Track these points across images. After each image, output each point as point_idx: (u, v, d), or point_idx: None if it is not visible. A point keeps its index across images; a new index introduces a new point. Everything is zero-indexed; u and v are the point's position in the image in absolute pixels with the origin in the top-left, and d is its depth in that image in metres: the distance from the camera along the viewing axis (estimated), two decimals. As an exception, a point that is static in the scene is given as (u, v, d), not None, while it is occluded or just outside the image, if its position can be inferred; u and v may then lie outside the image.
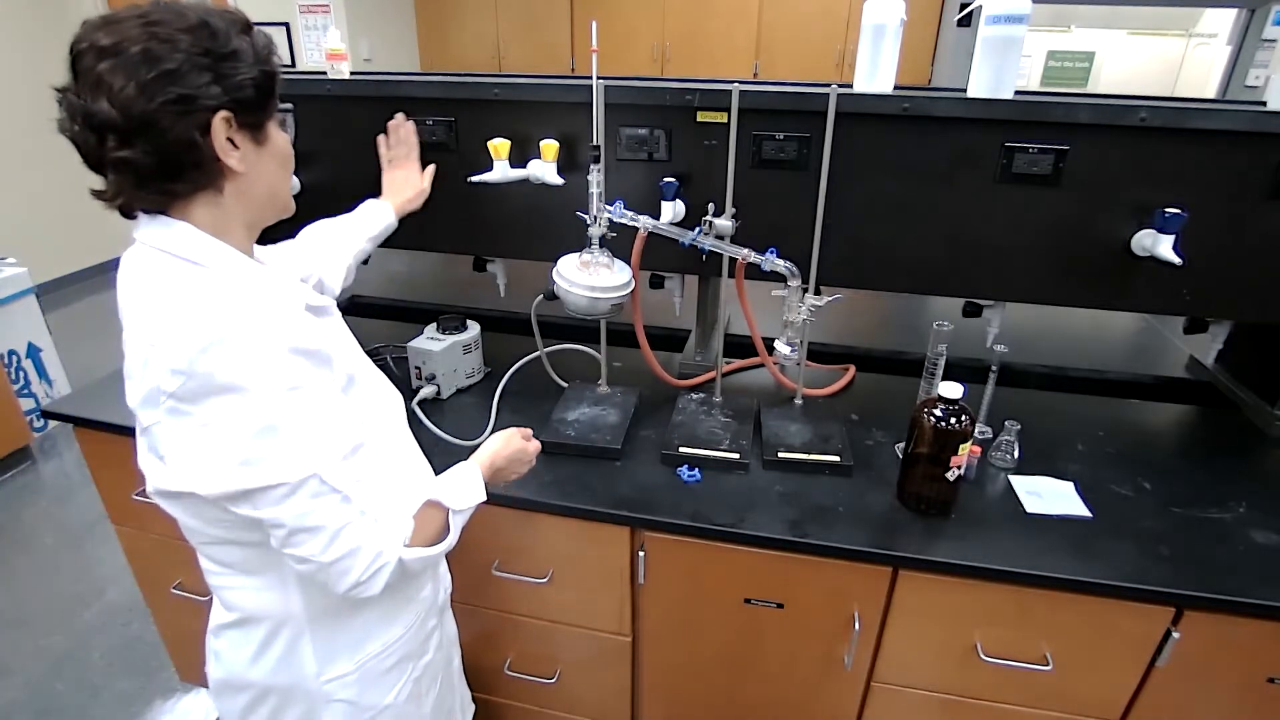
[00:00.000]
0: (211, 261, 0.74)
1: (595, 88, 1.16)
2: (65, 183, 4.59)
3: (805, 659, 1.24)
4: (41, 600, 2.20)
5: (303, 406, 0.72)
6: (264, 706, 0.92)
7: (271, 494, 0.71)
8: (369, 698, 0.93)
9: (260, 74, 0.73)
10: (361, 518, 0.77)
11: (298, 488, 0.72)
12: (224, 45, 0.71)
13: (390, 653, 0.94)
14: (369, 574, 0.78)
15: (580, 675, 1.41)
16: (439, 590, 1.06)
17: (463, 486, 0.91)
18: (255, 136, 0.76)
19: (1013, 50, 1.15)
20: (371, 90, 1.42)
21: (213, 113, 0.70)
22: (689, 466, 1.24)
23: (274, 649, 0.88)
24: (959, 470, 1.09)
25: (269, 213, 0.83)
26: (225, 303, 0.70)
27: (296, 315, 0.77)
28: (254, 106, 0.74)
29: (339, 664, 0.90)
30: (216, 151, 0.72)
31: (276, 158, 0.79)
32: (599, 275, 1.19)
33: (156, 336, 0.69)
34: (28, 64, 4.31)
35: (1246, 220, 1.18)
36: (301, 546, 0.74)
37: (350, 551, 0.76)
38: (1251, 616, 1.01)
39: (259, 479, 0.70)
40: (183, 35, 0.68)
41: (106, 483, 1.48)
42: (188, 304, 0.70)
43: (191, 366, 0.67)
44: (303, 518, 0.73)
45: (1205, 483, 1.24)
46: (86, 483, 2.68)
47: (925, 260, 1.31)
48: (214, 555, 0.85)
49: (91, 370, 3.15)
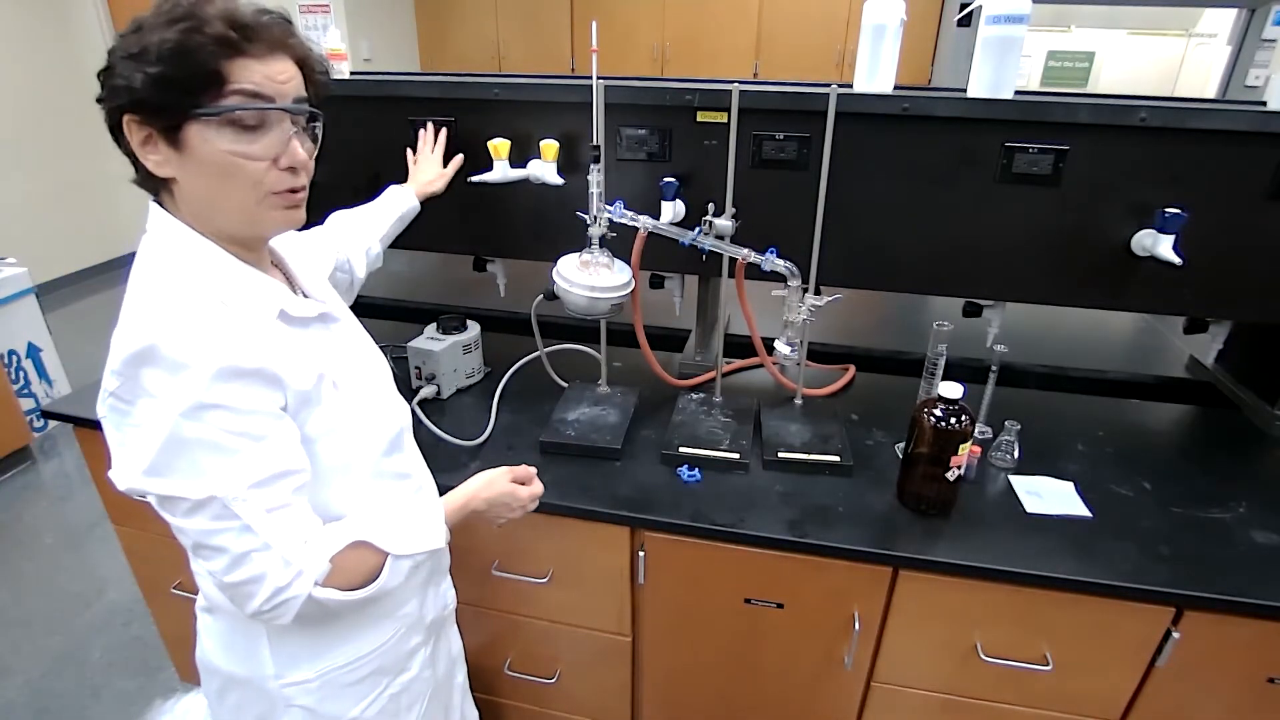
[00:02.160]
0: (177, 257, 0.74)
1: (595, 88, 1.16)
2: (65, 183, 4.61)
3: (805, 659, 1.24)
4: (41, 600, 2.20)
5: (215, 428, 0.70)
6: (231, 695, 0.92)
7: (174, 505, 0.72)
8: (330, 708, 0.89)
9: (152, 75, 0.68)
10: (266, 550, 0.72)
11: (199, 507, 0.71)
12: (135, 44, 0.69)
13: (358, 666, 0.90)
14: (271, 605, 0.74)
15: (580, 675, 1.41)
16: (429, 608, 1.00)
17: (413, 528, 0.85)
18: (170, 140, 0.71)
19: (1013, 50, 1.15)
20: (371, 90, 1.42)
21: (120, 113, 0.71)
22: (689, 466, 1.23)
23: (235, 642, 0.88)
24: (959, 470, 1.09)
25: (229, 223, 0.76)
26: (169, 309, 0.70)
27: (250, 329, 0.74)
28: (153, 108, 0.70)
29: (299, 670, 0.87)
30: (135, 152, 0.73)
31: (207, 167, 0.72)
32: (599, 275, 1.19)
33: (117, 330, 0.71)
34: (28, 64, 4.31)
35: (1246, 220, 1.18)
36: (208, 562, 0.74)
37: (253, 579, 0.73)
38: (1251, 616, 1.01)
39: (162, 489, 0.71)
40: (121, 40, 0.71)
41: (106, 483, 1.47)
42: (138, 306, 0.71)
43: (125, 367, 0.69)
44: (206, 536, 0.72)
45: (1205, 483, 1.24)
46: (86, 483, 2.68)
47: (925, 260, 1.31)
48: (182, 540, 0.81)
49: (91, 370, 3.14)
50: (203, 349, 0.69)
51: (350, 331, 0.91)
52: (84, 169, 4.66)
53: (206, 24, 0.69)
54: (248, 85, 0.71)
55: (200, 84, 0.70)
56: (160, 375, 0.68)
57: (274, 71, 0.73)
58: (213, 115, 0.70)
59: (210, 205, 0.75)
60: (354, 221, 1.23)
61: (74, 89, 4.52)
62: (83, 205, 4.74)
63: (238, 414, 0.71)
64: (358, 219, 1.23)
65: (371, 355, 0.94)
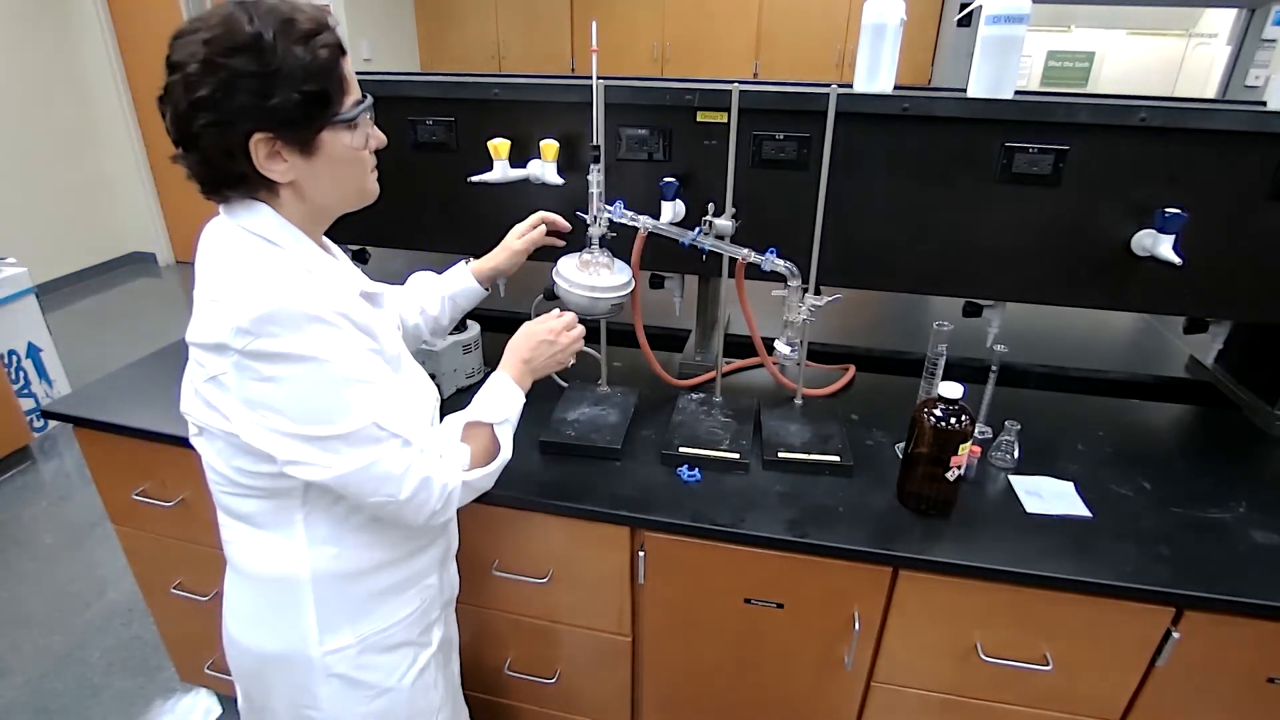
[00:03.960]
0: (285, 243, 0.80)
1: (595, 88, 1.16)
2: (65, 183, 4.61)
3: (805, 659, 1.24)
4: (41, 600, 2.20)
5: (354, 364, 0.78)
6: (269, 672, 0.93)
7: (332, 446, 0.78)
8: (368, 675, 0.93)
9: (302, 95, 0.74)
10: (422, 455, 0.84)
11: (357, 439, 0.78)
12: (268, 64, 0.72)
13: (392, 632, 0.95)
14: (442, 502, 0.86)
15: (580, 675, 1.41)
16: (445, 584, 1.07)
17: (496, 400, 0.97)
18: (304, 150, 0.78)
19: (1013, 50, 1.15)
20: (371, 90, 1.40)
21: (248, 136, 0.73)
22: (689, 466, 1.24)
23: (275, 612, 0.90)
24: (959, 470, 1.09)
25: (338, 207, 0.87)
26: (289, 274, 0.77)
27: (352, 296, 0.84)
28: (297, 124, 0.75)
29: (340, 634, 0.91)
30: (258, 168, 0.76)
31: (335, 164, 0.80)
32: (599, 275, 1.19)
33: (223, 294, 0.75)
34: (28, 65, 4.31)
35: (1246, 220, 1.18)
36: (375, 495, 0.82)
37: (422, 484, 0.83)
38: (1251, 616, 1.01)
39: (323, 431, 0.77)
40: (230, 56, 0.71)
41: (106, 483, 1.48)
42: (258, 271, 0.76)
43: (256, 326, 0.73)
44: (368, 469, 0.79)
45: (1205, 483, 1.24)
46: (86, 483, 2.69)
47: (925, 260, 1.31)
48: (234, 506, 0.88)
49: (91, 370, 3.16)
50: (329, 302, 0.77)
51: (393, 316, 1.00)
52: (84, 169, 4.67)
53: (327, 34, 0.76)
54: (354, 86, 0.80)
55: (338, 94, 0.78)
56: (298, 327, 0.74)
57: (352, 69, 0.81)
58: (347, 121, 0.79)
59: (326, 194, 0.83)
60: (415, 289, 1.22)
61: (74, 89, 4.53)
62: (83, 205, 4.74)
63: (367, 353, 0.80)
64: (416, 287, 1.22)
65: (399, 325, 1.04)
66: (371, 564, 0.91)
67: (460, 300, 1.22)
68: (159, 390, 1.43)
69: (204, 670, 1.67)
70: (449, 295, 1.21)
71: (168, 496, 1.39)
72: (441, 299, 1.20)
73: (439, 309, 1.20)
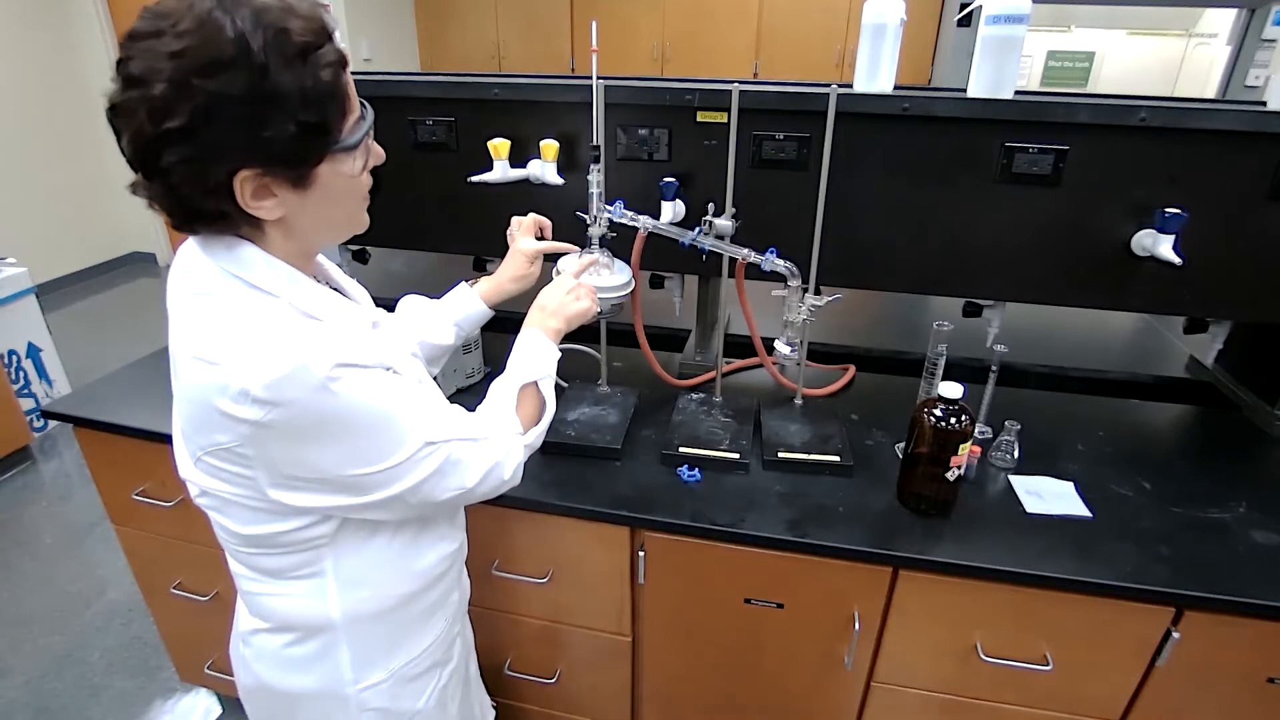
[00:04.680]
0: (278, 288, 0.68)
1: (595, 88, 1.16)
2: (65, 183, 4.61)
3: (805, 659, 1.24)
4: (41, 600, 2.20)
5: (388, 395, 0.73)
6: (301, 713, 0.91)
7: (397, 474, 0.75)
8: (400, 704, 0.92)
9: (299, 126, 0.60)
10: (478, 444, 0.83)
11: (419, 457, 0.76)
12: (257, 87, 0.57)
13: (421, 659, 0.93)
14: (513, 473, 0.88)
15: (580, 675, 1.41)
16: (461, 596, 1.05)
17: (532, 357, 0.97)
18: (296, 184, 0.65)
19: (1013, 50, 1.15)
20: (371, 90, 1.42)
21: (231, 174, 0.61)
22: (689, 466, 1.23)
23: (308, 657, 0.86)
24: (959, 470, 1.09)
25: (325, 242, 0.78)
26: (294, 328, 0.68)
27: (365, 334, 0.78)
28: (292, 159, 0.62)
29: (374, 672, 0.89)
30: (242, 206, 0.63)
31: (331, 195, 0.68)
32: (599, 275, 1.19)
33: (219, 355, 0.65)
34: (28, 65, 4.31)
35: (1247, 220, 1.18)
36: (451, 491, 0.81)
37: (494, 466, 0.84)
38: (1251, 616, 1.01)
39: (382, 466, 0.73)
40: (210, 75, 0.56)
41: (106, 483, 1.48)
42: (258, 329, 0.66)
43: (272, 395, 0.64)
44: (439, 471, 0.78)
45: (1205, 483, 1.24)
46: (86, 483, 2.69)
47: (925, 260, 1.31)
48: (257, 564, 0.82)
49: (91, 370, 3.16)
50: (342, 350, 0.68)
51: (393, 333, 0.96)
52: (84, 169, 4.66)
53: (329, 49, 0.62)
54: (354, 103, 0.67)
55: (338, 118, 0.65)
56: (319, 390, 0.65)
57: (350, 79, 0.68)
58: (349, 149, 0.66)
59: (317, 228, 0.72)
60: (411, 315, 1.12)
61: (74, 89, 4.52)
62: (83, 205, 4.74)
63: (392, 379, 0.75)
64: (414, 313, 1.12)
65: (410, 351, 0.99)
66: (402, 598, 0.89)
67: (466, 326, 1.13)
68: (159, 390, 1.41)
69: (204, 670, 1.67)
70: (457, 321, 1.11)
71: (168, 496, 1.39)
72: (452, 325, 1.11)
73: (445, 336, 1.10)
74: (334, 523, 0.79)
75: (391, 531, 0.85)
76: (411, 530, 0.87)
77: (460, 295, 1.13)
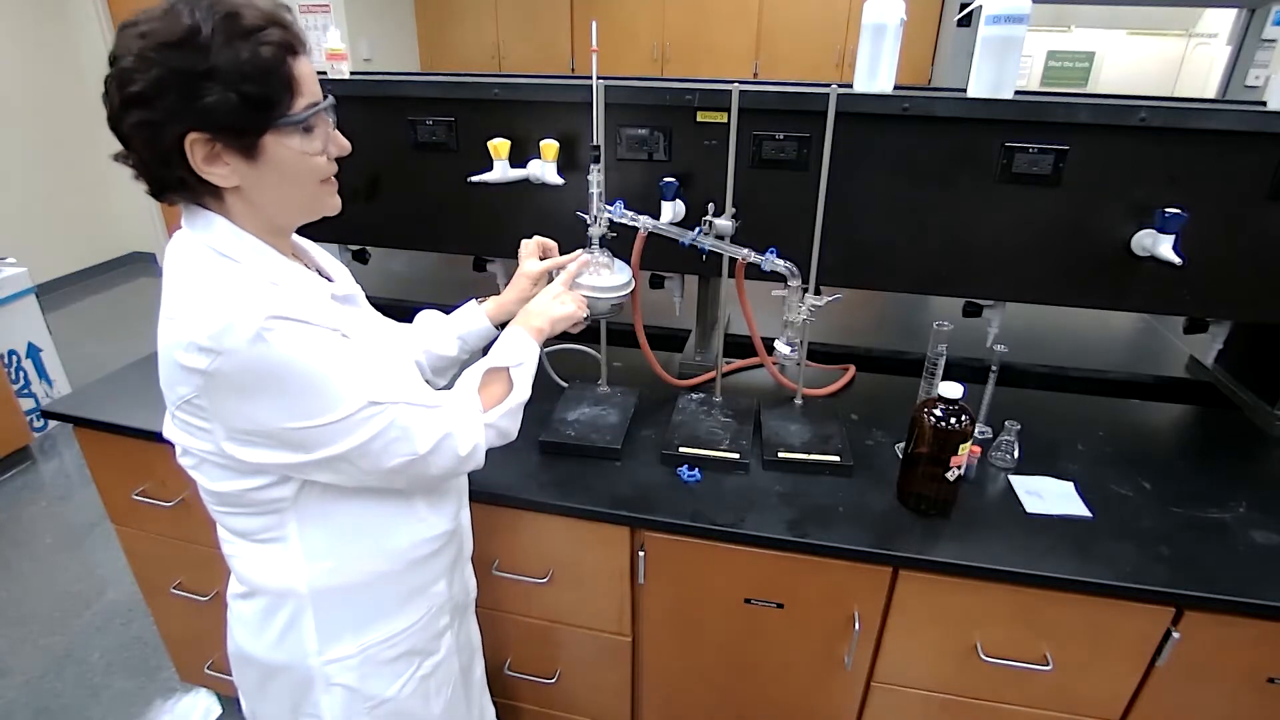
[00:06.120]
0: (244, 257, 0.76)
1: (595, 88, 1.16)
2: (65, 183, 4.61)
3: (805, 659, 1.24)
4: (41, 600, 2.20)
5: (331, 353, 0.76)
6: (271, 684, 0.93)
7: (343, 430, 0.77)
8: (370, 686, 0.93)
9: (240, 96, 0.69)
10: (430, 410, 0.84)
11: (362, 416, 0.77)
12: (201, 62, 0.67)
13: (396, 642, 0.94)
14: (469, 448, 0.88)
15: (580, 675, 1.41)
16: (456, 589, 1.05)
17: (507, 346, 0.98)
18: (246, 154, 0.73)
19: (1013, 50, 1.15)
20: (371, 90, 1.42)
21: (181, 136, 0.69)
22: (689, 466, 1.23)
23: (276, 623, 0.89)
24: (959, 470, 1.09)
25: (289, 217, 0.82)
26: (245, 286, 0.73)
27: (320, 300, 0.81)
28: (234, 128, 0.71)
29: (342, 644, 0.90)
30: (196, 170, 0.71)
31: (281, 170, 0.75)
32: (599, 275, 1.19)
33: (178, 311, 0.72)
34: (28, 64, 4.31)
35: (1247, 220, 1.18)
36: (399, 456, 0.81)
37: (445, 435, 0.85)
38: (1251, 616, 1.01)
39: (328, 418, 0.76)
40: (164, 51, 0.67)
41: (106, 483, 1.48)
42: (211, 286, 0.73)
43: (215, 343, 0.69)
44: (384, 433, 0.79)
45: (1205, 483, 1.24)
46: (86, 483, 2.69)
47: (925, 260, 1.31)
48: (229, 523, 0.87)
49: (91, 370, 3.15)
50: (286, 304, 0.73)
51: (370, 313, 0.98)
52: (84, 169, 4.66)
53: (274, 31, 0.71)
54: (309, 87, 0.75)
55: (284, 95, 0.73)
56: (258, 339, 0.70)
57: (311, 70, 0.76)
58: (295, 123, 0.74)
59: (276, 203, 0.79)
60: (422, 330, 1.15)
61: (74, 89, 4.52)
62: (83, 205, 4.74)
63: (339, 340, 0.78)
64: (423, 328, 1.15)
65: (391, 335, 1.02)
66: (370, 576, 0.90)
67: (470, 340, 1.15)
68: (159, 390, 1.42)
69: (204, 670, 1.67)
70: (461, 334, 1.14)
71: (168, 496, 1.39)
72: (455, 338, 1.14)
73: (449, 347, 1.13)
74: (294, 484, 0.82)
75: (360, 505, 0.87)
76: (384, 507, 0.89)
77: (467, 311, 1.17)
